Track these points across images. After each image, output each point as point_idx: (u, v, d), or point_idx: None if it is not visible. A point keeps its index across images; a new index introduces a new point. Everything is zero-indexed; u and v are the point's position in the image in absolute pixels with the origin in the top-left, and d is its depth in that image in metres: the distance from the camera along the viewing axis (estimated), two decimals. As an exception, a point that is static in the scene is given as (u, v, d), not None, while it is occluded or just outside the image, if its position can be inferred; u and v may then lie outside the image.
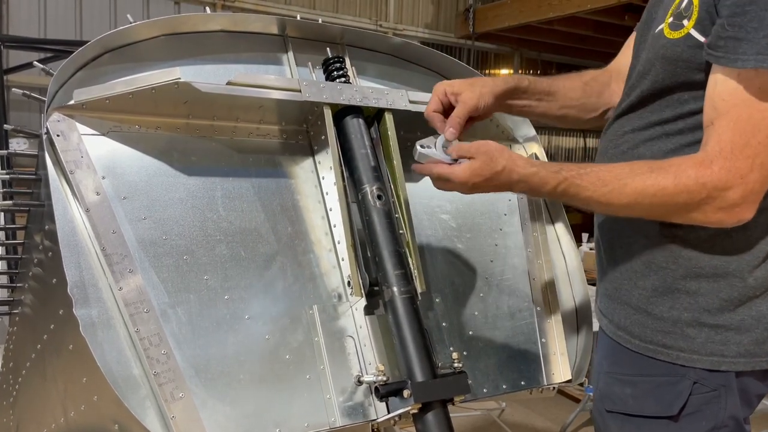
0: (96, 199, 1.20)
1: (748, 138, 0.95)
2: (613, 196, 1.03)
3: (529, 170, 1.10)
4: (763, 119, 0.95)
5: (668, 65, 1.06)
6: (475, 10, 7.21)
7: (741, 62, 0.94)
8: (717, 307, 1.07)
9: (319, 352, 1.31)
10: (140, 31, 1.37)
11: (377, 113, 1.49)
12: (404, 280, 1.31)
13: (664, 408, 1.09)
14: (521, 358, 1.53)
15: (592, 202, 1.06)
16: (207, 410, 1.16)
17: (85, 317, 1.12)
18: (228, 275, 1.28)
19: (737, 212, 0.99)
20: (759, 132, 0.95)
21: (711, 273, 1.07)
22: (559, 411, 3.69)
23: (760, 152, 0.95)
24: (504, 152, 1.12)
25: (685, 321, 1.08)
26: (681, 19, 1.04)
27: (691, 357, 1.08)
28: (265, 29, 1.55)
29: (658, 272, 1.11)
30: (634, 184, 1.02)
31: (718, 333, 1.07)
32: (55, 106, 1.24)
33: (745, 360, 1.07)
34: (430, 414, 1.22)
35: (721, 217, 1.00)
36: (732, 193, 0.97)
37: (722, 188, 0.97)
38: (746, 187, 0.97)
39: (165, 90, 1.26)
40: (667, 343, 1.10)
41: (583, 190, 1.05)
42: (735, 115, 0.96)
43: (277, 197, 1.41)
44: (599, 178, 1.04)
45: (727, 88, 0.97)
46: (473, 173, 1.12)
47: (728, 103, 0.97)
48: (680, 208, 1.01)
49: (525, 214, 1.67)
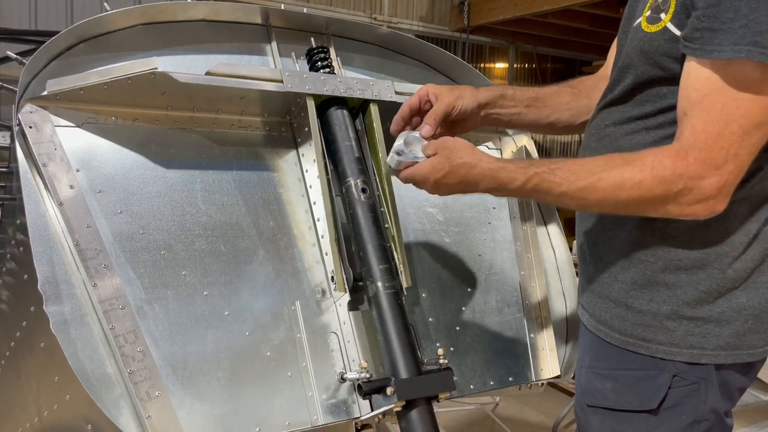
0: (70, 193, 1.17)
1: (721, 128, 0.94)
2: (588, 191, 1.01)
3: (495, 165, 1.07)
4: (736, 109, 0.93)
5: (646, 59, 1.05)
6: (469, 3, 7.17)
7: (717, 53, 0.93)
8: (696, 299, 1.05)
9: (301, 349, 1.28)
10: (116, 20, 1.34)
11: (362, 104, 1.46)
12: (389, 275, 1.29)
13: (643, 402, 1.08)
14: (509, 354, 1.50)
15: (566, 199, 1.03)
16: (184, 409, 1.14)
17: (57, 314, 1.09)
18: (207, 270, 1.25)
19: (712, 204, 0.97)
20: (732, 122, 0.93)
21: (690, 265, 1.05)
22: (553, 405, 3.67)
23: (734, 143, 0.94)
24: (467, 148, 1.09)
25: (664, 314, 1.07)
26: (658, 12, 1.03)
27: (670, 350, 1.06)
28: (247, 19, 1.51)
29: (638, 265, 1.09)
30: (610, 178, 0.99)
31: (698, 326, 1.06)
32: (27, 97, 1.21)
33: (725, 353, 1.06)
34: (413, 411, 1.19)
35: (696, 210, 0.98)
36: (708, 184, 0.95)
37: (698, 179, 0.95)
38: (721, 179, 0.95)
39: (142, 80, 1.22)
40: (646, 336, 1.08)
41: (555, 186, 1.02)
42: (708, 105, 0.95)
43: (259, 191, 1.37)
44: (573, 173, 1.02)
45: (701, 79, 0.96)
46: (433, 168, 1.10)
47: (701, 93, 0.95)
48: (657, 200, 0.99)
49: (514, 208, 1.64)
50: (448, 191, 1.14)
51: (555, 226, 1.68)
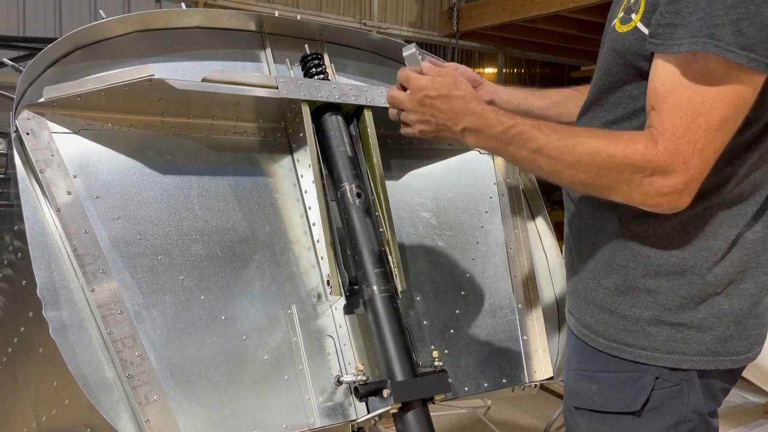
0: (67, 199, 1.18)
1: (688, 123, 0.94)
2: (565, 151, 1.01)
3: (487, 107, 1.08)
4: (702, 103, 0.93)
5: (619, 59, 1.06)
6: (458, 8, 7.22)
7: (677, 47, 0.94)
8: (677, 305, 1.06)
9: (297, 352, 1.29)
10: (113, 27, 1.35)
11: (356, 110, 1.48)
12: (384, 278, 1.30)
13: (627, 404, 1.09)
14: (503, 356, 1.52)
15: (540, 156, 1.03)
16: (183, 413, 1.14)
17: (56, 319, 1.09)
18: (204, 275, 1.26)
19: (676, 199, 0.96)
20: (699, 116, 0.94)
21: (670, 270, 1.06)
22: (544, 408, 3.69)
23: (701, 137, 0.93)
24: (471, 88, 1.11)
25: (646, 319, 1.08)
26: (630, 13, 1.04)
27: (652, 355, 1.07)
28: (242, 26, 1.52)
29: (620, 271, 1.10)
30: (588, 144, 1.00)
31: (679, 331, 1.06)
32: (24, 104, 1.21)
33: (707, 359, 1.06)
34: (410, 413, 1.21)
35: (660, 202, 0.97)
36: (675, 178, 0.95)
37: (665, 170, 0.95)
38: (688, 173, 0.94)
39: (138, 87, 1.23)
40: (629, 341, 1.09)
41: (536, 139, 1.02)
42: (675, 100, 0.95)
43: (255, 196, 1.39)
44: (556, 131, 1.03)
45: (666, 74, 0.96)
46: (432, 84, 1.10)
47: (668, 88, 0.96)
48: (623, 181, 0.98)
49: (506, 212, 1.66)
50: (427, 116, 1.12)
51: (546, 230, 1.70)
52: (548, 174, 1.06)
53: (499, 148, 1.08)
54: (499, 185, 1.68)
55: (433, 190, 1.61)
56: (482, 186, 1.67)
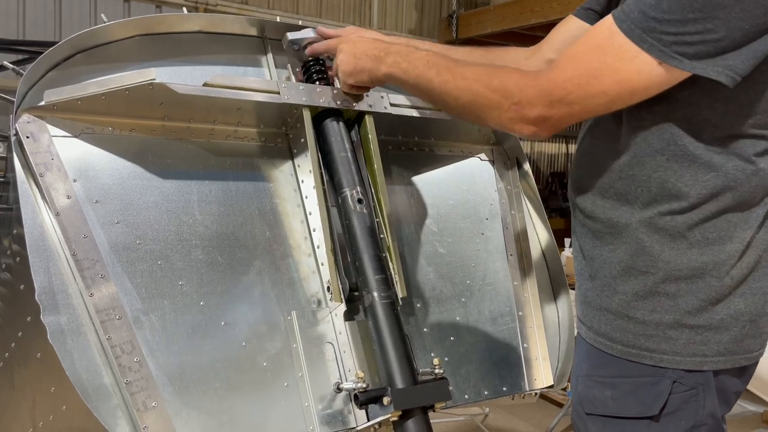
0: (67, 203, 1.17)
1: (574, 74, 1.01)
2: (459, 72, 1.15)
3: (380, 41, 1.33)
4: (596, 69, 0.99)
5: None
6: (458, 16, 7.24)
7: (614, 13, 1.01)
8: (697, 307, 1.07)
9: (297, 359, 1.28)
10: (114, 31, 1.34)
11: (358, 116, 1.47)
12: (385, 285, 1.29)
13: (645, 408, 1.09)
14: (503, 364, 1.51)
15: (432, 72, 1.18)
16: (181, 420, 1.13)
17: (54, 324, 1.08)
18: (204, 281, 1.25)
19: (534, 130, 1.07)
20: (585, 75, 1.00)
21: (689, 275, 1.07)
22: (542, 416, 3.68)
23: (574, 92, 1.01)
24: None
25: (666, 323, 1.09)
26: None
27: (674, 359, 1.08)
28: (243, 30, 1.52)
29: (639, 277, 1.10)
30: (480, 67, 1.14)
31: (699, 333, 1.08)
32: (24, 107, 1.20)
33: (724, 358, 1.08)
34: (410, 421, 1.20)
35: (521, 128, 1.08)
36: (536, 110, 1.04)
37: (531, 101, 1.04)
38: (547, 113, 1.04)
39: (139, 91, 1.23)
40: (650, 346, 1.09)
41: (442, 58, 1.19)
42: (581, 52, 1.02)
43: (255, 201, 1.38)
44: (456, 54, 1.26)
45: (598, 29, 1.03)
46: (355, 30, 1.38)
47: (589, 40, 1.03)
48: (495, 103, 1.08)
49: (507, 219, 1.66)
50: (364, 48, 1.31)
51: (547, 238, 1.70)
52: (439, 90, 1.19)
53: (387, 72, 1.26)
54: (499, 192, 1.67)
55: (434, 196, 1.61)
56: (483, 193, 1.66)
